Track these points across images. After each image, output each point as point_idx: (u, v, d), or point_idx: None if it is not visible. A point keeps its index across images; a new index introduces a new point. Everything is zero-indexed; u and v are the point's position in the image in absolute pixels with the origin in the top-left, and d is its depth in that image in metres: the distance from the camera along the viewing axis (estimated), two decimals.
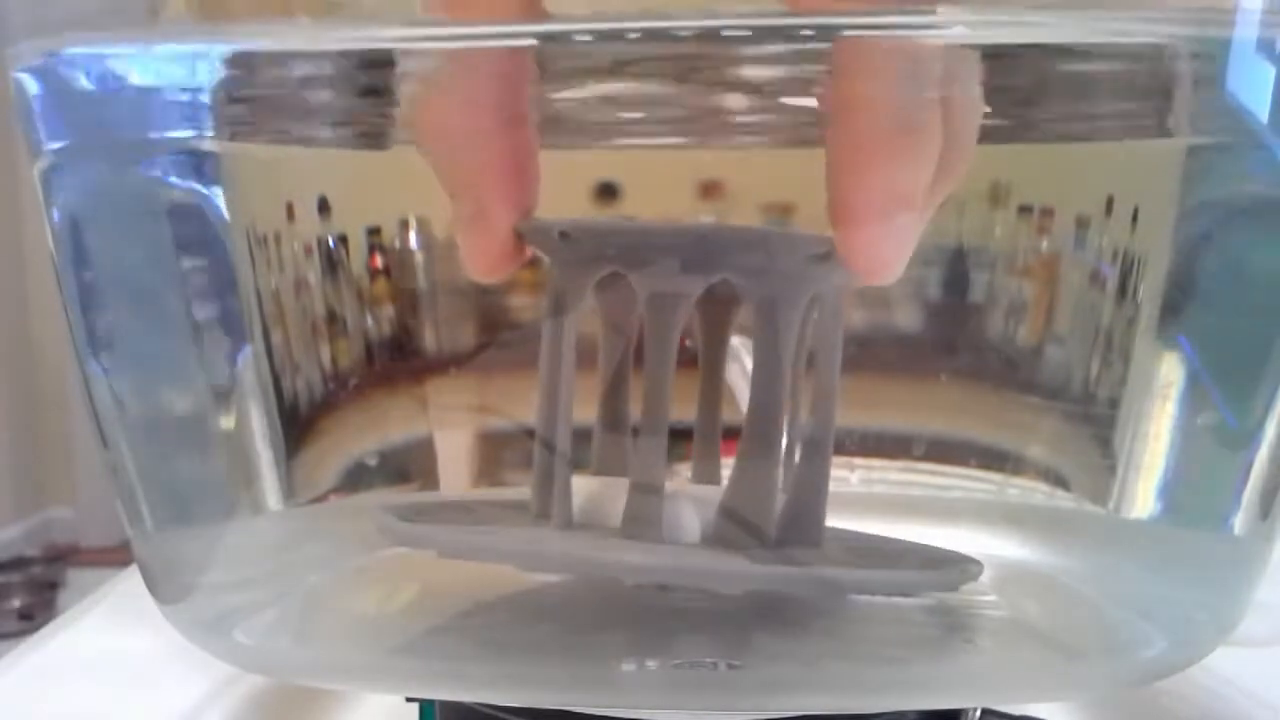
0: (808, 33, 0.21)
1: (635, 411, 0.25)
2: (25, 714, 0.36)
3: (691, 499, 0.24)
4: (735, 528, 0.23)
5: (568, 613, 0.25)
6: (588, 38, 0.22)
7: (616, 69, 0.23)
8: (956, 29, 0.22)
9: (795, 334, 0.23)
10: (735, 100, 0.24)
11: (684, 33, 0.21)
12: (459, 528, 0.25)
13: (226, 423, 0.27)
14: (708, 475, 0.26)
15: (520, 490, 0.27)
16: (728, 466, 0.27)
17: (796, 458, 0.25)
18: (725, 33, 0.21)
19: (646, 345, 0.23)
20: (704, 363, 0.26)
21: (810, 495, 0.24)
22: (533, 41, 0.22)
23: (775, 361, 0.23)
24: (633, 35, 0.21)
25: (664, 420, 0.23)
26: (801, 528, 0.24)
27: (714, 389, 0.26)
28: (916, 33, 0.22)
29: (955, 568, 0.25)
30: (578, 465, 0.25)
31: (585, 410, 0.25)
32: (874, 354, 0.24)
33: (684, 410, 0.25)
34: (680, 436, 0.25)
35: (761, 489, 0.23)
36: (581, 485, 0.25)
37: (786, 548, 0.23)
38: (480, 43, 0.22)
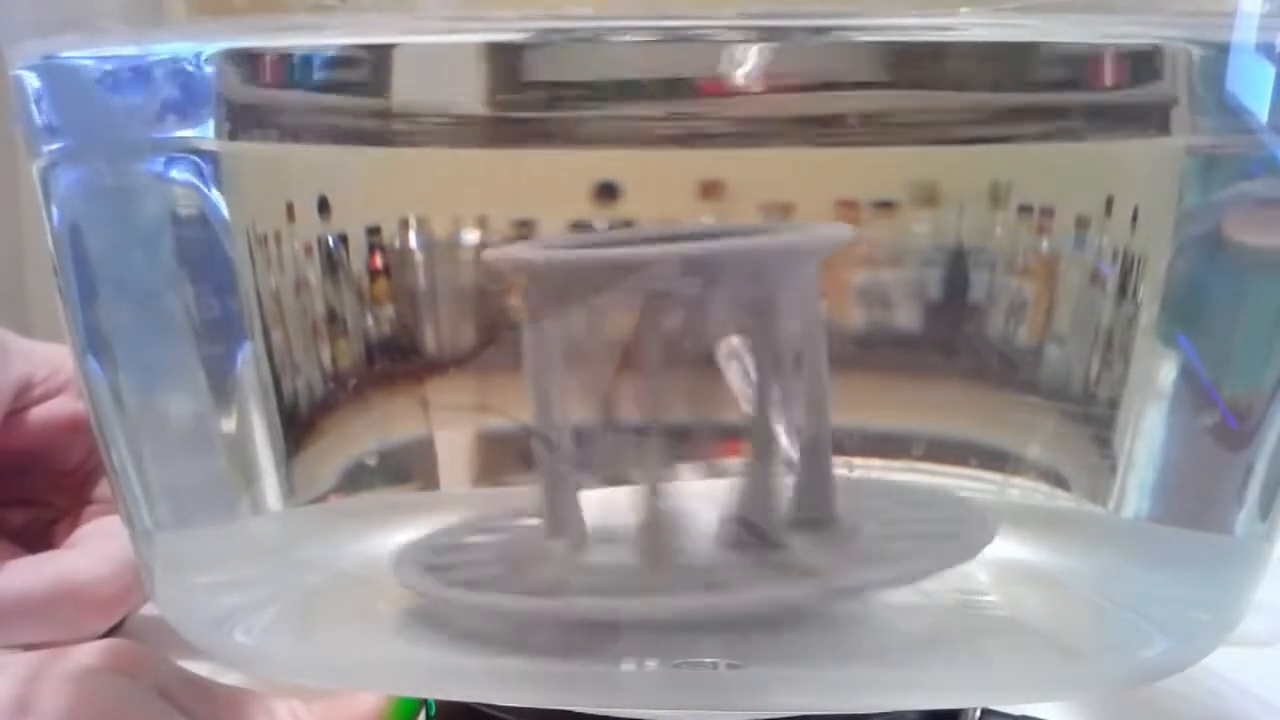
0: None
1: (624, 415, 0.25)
2: None
3: (701, 500, 0.24)
4: (747, 533, 0.23)
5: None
6: (584, 34, 0.22)
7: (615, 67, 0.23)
8: (959, 29, 0.22)
9: (786, 333, 0.23)
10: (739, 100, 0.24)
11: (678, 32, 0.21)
12: (483, 581, 0.25)
13: (226, 422, 0.27)
14: (714, 474, 0.26)
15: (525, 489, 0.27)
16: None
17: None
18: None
19: (639, 352, 0.23)
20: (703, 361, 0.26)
21: (818, 486, 0.24)
22: (529, 37, 0.22)
23: (769, 361, 0.23)
24: (631, 35, 0.21)
25: (659, 428, 0.23)
26: (812, 522, 0.24)
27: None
28: (916, 33, 0.22)
29: (969, 532, 0.25)
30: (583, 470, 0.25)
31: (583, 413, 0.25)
32: (874, 354, 0.24)
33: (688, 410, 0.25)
34: (683, 436, 0.25)
35: (770, 490, 0.23)
36: (593, 496, 0.25)
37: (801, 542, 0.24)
38: (478, 37, 0.22)
